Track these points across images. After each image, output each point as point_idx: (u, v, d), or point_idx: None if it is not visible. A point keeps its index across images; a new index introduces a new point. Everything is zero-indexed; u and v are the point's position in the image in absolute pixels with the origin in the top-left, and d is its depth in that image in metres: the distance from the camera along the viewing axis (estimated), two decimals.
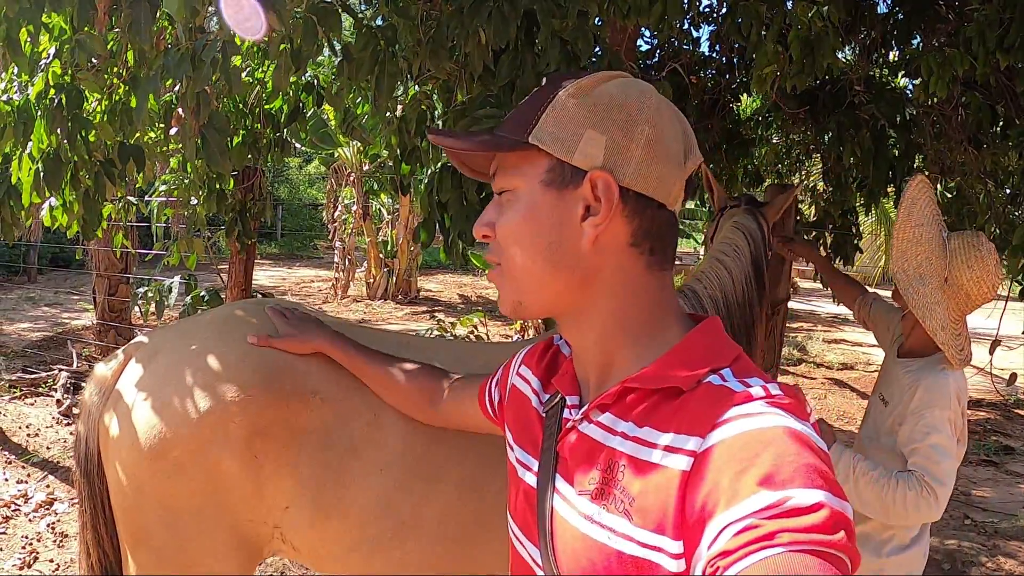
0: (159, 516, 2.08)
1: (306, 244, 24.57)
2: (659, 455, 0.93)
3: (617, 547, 0.93)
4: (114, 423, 2.13)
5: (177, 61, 2.25)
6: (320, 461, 2.09)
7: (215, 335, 2.18)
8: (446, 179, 2.66)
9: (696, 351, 1.01)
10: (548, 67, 2.61)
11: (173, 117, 3.25)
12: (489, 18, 2.40)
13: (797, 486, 0.78)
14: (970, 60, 3.54)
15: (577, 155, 1.02)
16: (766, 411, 0.89)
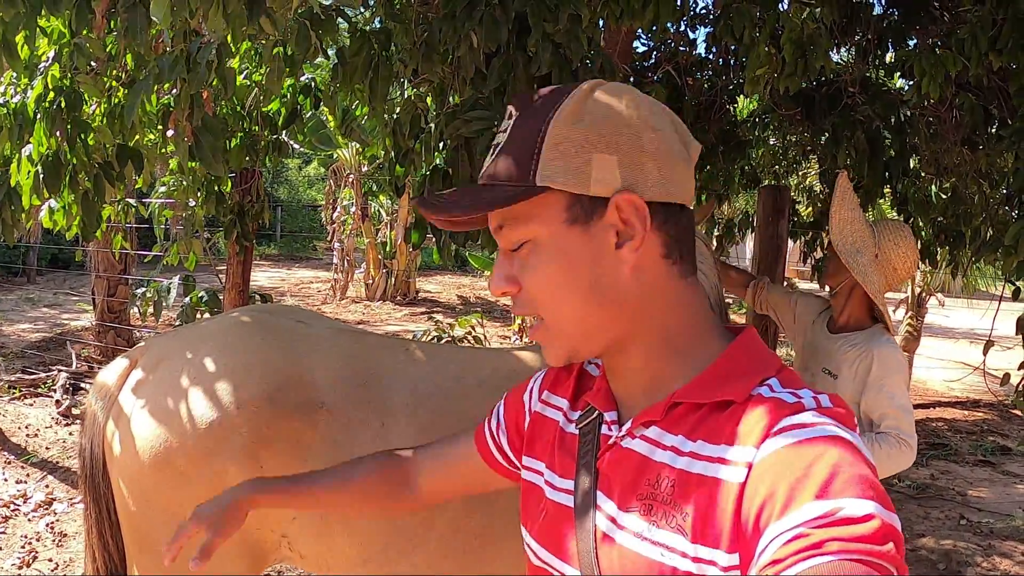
0: (164, 524, 2.09)
1: (305, 245, 24.61)
2: (713, 468, 0.91)
3: (671, 563, 0.91)
4: (118, 432, 2.14)
5: (171, 64, 2.26)
6: None
7: (220, 344, 2.19)
8: (437, 180, 2.69)
9: (742, 362, 0.99)
10: (539, 70, 2.63)
11: (170, 119, 3.26)
12: (481, 22, 2.41)
13: (849, 496, 0.78)
14: (963, 61, 3.56)
15: (594, 184, 0.96)
16: (819, 421, 0.88)
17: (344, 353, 2.24)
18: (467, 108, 2.55)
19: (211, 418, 2.05)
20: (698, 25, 5.20)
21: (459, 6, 2.45)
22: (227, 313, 2.46)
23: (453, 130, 2.54)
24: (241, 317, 2.31)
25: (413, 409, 2.19)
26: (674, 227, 1.00)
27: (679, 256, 1.02)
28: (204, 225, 4.68)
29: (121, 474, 2.13)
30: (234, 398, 2.06)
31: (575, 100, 0.98)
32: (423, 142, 2.91)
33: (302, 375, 2.13)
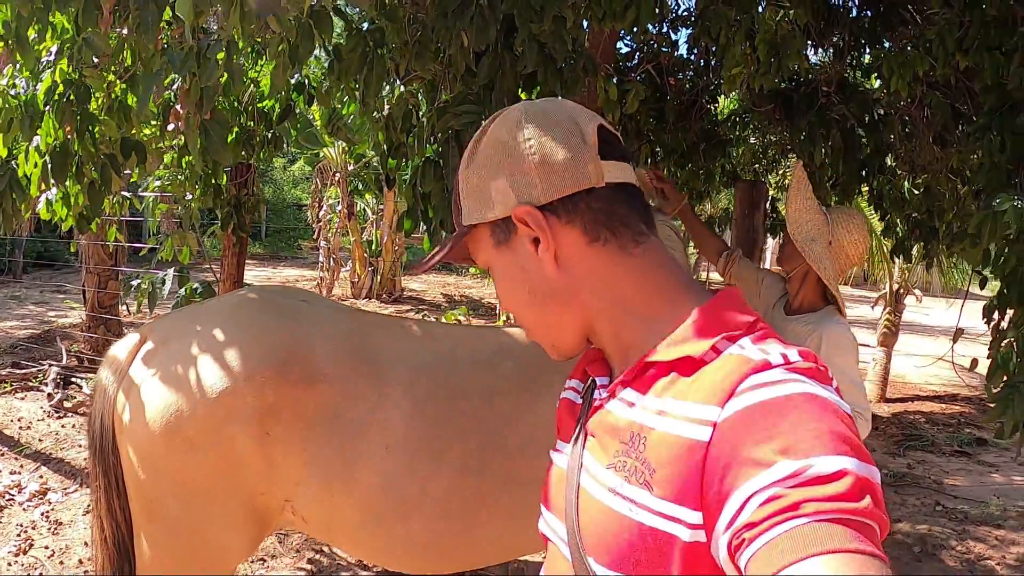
0: (173, 491, 2.22)
1: (291, 244, 24.62)
2: (678, 425, 0.92)
3: (638, 519, 0.93)
4: (129, 403, 2.25)
5: (182, 58, 2.38)
6: (328, 441, 2.24)
7: (228, 320, 2.32)
8: (429, 171, 2.81)
9: (709, 321, 1.00)
10: (525, 68, 2.77)
11: (171, 113, 3.37)
12: (471, 22, 2.55)
13: (819, 453, 0.78)
14: (930, 61, 3.72)
15: (496, 208, 1.07)
16: (785, 378, 0.88)
17: (344, 329, 2.38)
18: (457, 103, 2.69)
19: (221, 388, 2.17)
20: (679, 27, 5.33)
21: (451, 7, 2.58)
22: (234, 292, 2.59)
23: (444, 124, 2.68)
24: (248, 295, 2.45)
25: (409, 381, 2.33)
26: (587, 212, 1.05)
27: (610, 234, 1.06)
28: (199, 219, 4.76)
29: (131, 443, 2.24)
30: (243, 369, 2.18)
31: (471, 144, 1.12)
32: (415, 136, 3.05)
33: (307, 348, 2.26)
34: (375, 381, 2.30)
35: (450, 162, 2.68)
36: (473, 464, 2.34)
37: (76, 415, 7.09)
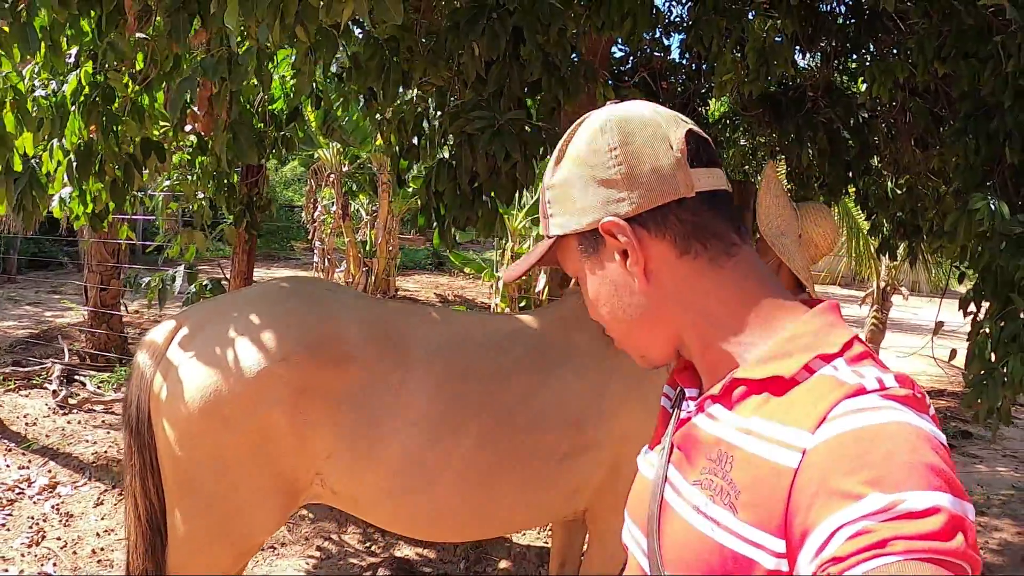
0: (209, 466, 2.38)
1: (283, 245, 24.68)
2: (767, 448, 0.89)
3: (719, 540, 0.90)
4: (167, 384, 2.42)
5: (215, 64, 2.55)
6: (357, 417, 2.43)
7: (262, 305, 2.50)
8: (443, 172, 3.00)
9: (803, 338, 0.96)
10: (531, 75, 2.96)
11: (188, 115, 3.52)
12: (483, 33, 2.74)
13: (911, 488, 0.75)
14: (910, 68, 3.92)
15: (583, 220, 1.04)
16: (880, 405, 0.84)
17: (370, 315, 2.57)
18: (469, 108, 2.87)
19: (258, 368, 2.34)
20: (672, 32, 5.52)
21: (463, 19, 2.76)
22: (265, 282, 2.76)
23: (458, 128, 2.86)
24: (279, 284, 2.63)
25: (429, 361, 2.53)
26: (677, 224, 1.01)
27: (701, 247, 1.02)
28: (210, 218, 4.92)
29: (169, 422, 2.39)
30: (278, 351, 2.36)
31: (556, 152, 1.10)
32: (427, 138, 3.23)
33: (336, 332, 2.45)
34: (399, 362, 2.48)
35: (463, 163, 2.86)
36: (489, 439, 2.54)
37: (81, 411, 7.21)
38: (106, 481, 5.63)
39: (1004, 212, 3.15)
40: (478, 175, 2.92)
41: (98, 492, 5.47)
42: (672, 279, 1.03)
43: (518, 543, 4.89)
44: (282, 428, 2.36)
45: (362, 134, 11.51)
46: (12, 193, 3.44)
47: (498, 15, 2.76)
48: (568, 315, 2.92)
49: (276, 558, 4.69)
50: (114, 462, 5.94)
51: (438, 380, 2.51)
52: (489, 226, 3.16)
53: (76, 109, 3.22)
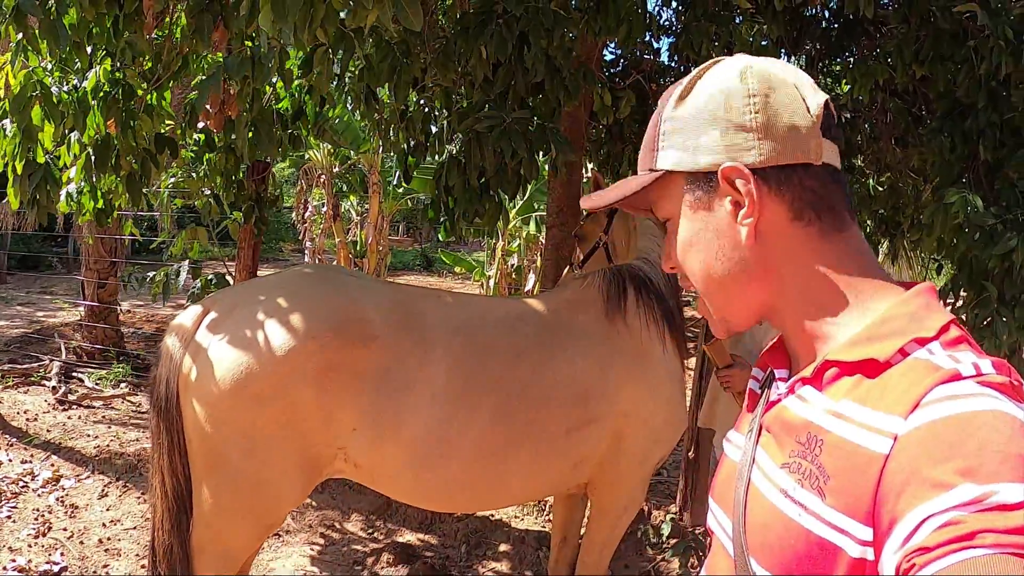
0: (238, 443, 2.52)
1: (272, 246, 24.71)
2: (858, 433, 0.87)
3: (806, 525, 0.88)
4: (197, 364, 2.54)
5: (238, 63, 2.70)
6: (380, 393, 2.58)
7: (288, 289, 2.65)
8: (453, 168, 3.17)
9: (899, 321, 0.92)
10: (536, 77, 3.13)
11: (201, 113, 3.65)
12: (492, 38, 2.90)
13: (1004, 480, 0.72)
14: (889, 70, 4.11)
15: (701, 161, 0.98)
16: (975, 392, 0.82)
17: (390, 297, 2.74)
18: (478, 108, 3.03)
19: (288, 347, 2.48)
20: (662, 36, 5.68)
21: (472, 24, 2.93)
22: (288, 269, 2.90)
23: (467, 126, 3.02)
24: (303, 270, 2.78)
25: (448, 341, 2.70)
26: (798, 188, 0.97)
27: (815, 216, 0.98)
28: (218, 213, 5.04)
29: (199, 400, 2.52)
30: (307, 330, 2.50)
31: (684, 84, 1.02)
32: (436, 136, 3.40)
33: (360, 313, 2.60)
34: (419, 341, 2.65)
35: (472, 159, 3.03)
36: (502, 413, 2.71)
37: (81, 407, 7.29)
38: (109, 474, 5.72)
39: (978, 205, 3.35)
40: (486, 171, 3.08)
41: (102, 484, 5.55)
42: (780, 243, 0.99)
43: (516, 527, 5.03)
44: (310, 404, 2.50)
45: (353, 135, 11.63)
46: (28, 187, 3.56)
47: (505, 21, 2.93)
48: (573, 298, 3.12)
49: (281, 545, 4.81)
50: (117, 456, 6.04)
51: (456, 358, 2.67)
52: (495, 219, 3.32)
53: (96, 104, 3.34)
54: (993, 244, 3.35)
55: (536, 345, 2.87)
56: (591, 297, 3.09)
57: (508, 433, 2.73)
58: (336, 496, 5.28)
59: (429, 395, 2.62)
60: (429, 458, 2.64)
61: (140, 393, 7.65)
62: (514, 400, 2.74)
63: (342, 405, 2.54)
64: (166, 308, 11.02)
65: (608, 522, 3.20)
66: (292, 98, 4.55)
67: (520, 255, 12.58)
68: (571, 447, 2.89)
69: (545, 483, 2.96)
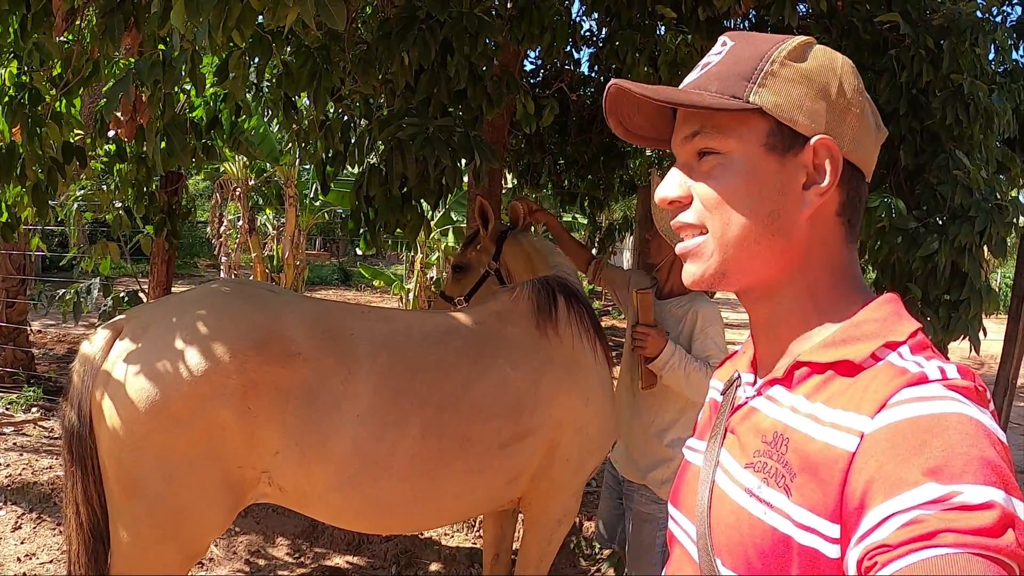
0: (156, 468, 2.37)
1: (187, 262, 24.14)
2: (826, 432, 0.88)
3: (771, 523, 0.90)
4: (109, 388, 2.39)
5: (149, 66, 2.56)
6: (305, 413, 2.47)
7: (205, 305, 2.53)
8: (374, 177, 3.08)
9: (870, 325, 0.96)
10: (459, 84, 3.07)
11: (111, 121, 3.49)
12: (414, 43, 2.84)
13: (968, 481, 0.74)
14: None
15: (801, 119, 0.97)
16: (942, 395, 0.84)
17: (312, 313, 2.63)
18: (399, 116, 2.96)
19: (206, 366, 2.36)
20: (583, 46, 5.70)
21: (394, 29, 2.86)
22: (203, 285, 2.78)
23: (389, 134, 2.94)
24: (220, 286, 2.66)
25: (374, 355, 2.61)
26: (854, 191, 1.01)
27: (849, 219, 1.02)
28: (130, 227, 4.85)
29: (114, 424, 2.37)
30: (226, 348, 2.39)
31: (799, 43, 1.01)
32: (356, 144, 3.30)
33: (281, 330, 2.49)
34: (344, 357, 2.55)
35: (394, 168, 2.95)
36: (433, 428, 2.63)
37: None
38: (23, 505, 5.42)
39: (901, 208, 3.42)
40: (408, 180, 3.00)
41: (15, 516, 5.26)
42: (824, 231, 1.01)
43: (447, 545, 4.96)
44: (231, 426, 2.38)
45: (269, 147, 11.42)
46: None
47: (428, 26, 2.86)
48: (502, 309, 3.07)
49: (206, 572, 4.64)
50: (30, 485, 5.73)
51: (383, 373, 2.59)
52: (417, 230, 3.25)
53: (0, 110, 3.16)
54: (916, 247, 3.43)
55: (466, 358, 2.80)
56: (521, 308, 3.05)
57: (440, 449, 2.65)
58: (260, 520, 5.11)
59: (356, 412, 2.53)
60: (358, 477, 2.55)
61: (52, 418, 7.30)
62: (445, 415, 2.67)
63: (265, 425, 2.43)
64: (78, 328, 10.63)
65: (543, 536, 3.15)
66: (207, 106, 4.41)
67: (439, 268, 12.52)
68: (505, 461, 2.83)
69: (479, 500, 2.89)
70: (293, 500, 2.61)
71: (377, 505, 2.62)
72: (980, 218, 3.48)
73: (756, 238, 0.99)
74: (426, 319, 2.95)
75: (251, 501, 2.60)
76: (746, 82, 0.98)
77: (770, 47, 1.00)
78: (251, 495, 2.56)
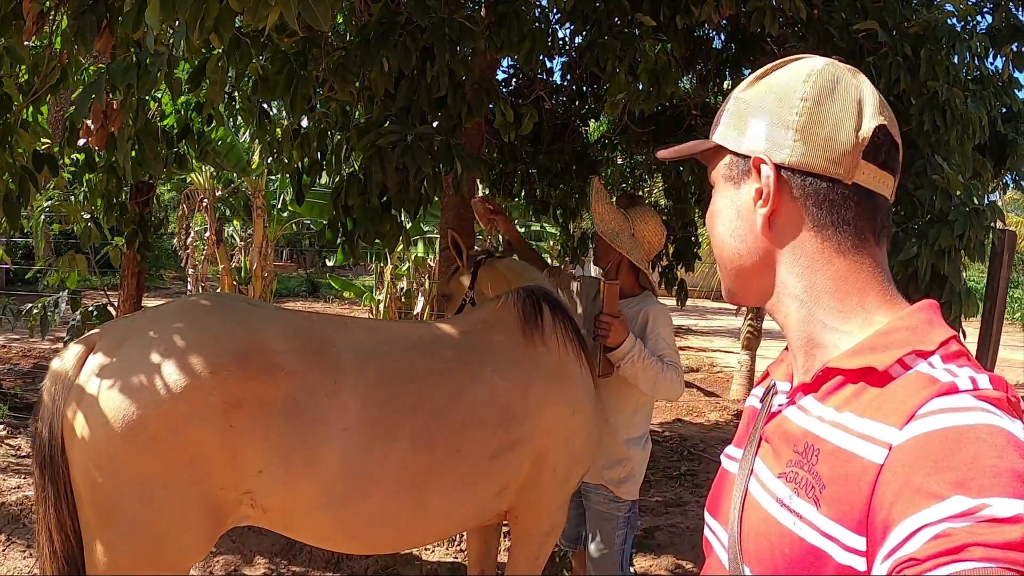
0: (133, 491, 2.25)
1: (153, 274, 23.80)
2: (855, 443, 0.88)
3: (800, 534, 0.89)
4: (82, 408, 2.27)
5: (123, 70, 2.47)
6: (289, 428, 2.38)
7: (184, 319, 2.42)
8: (353, 186, 3.01)
9: (899, 333, 0.95)
10: (439, 91, 3.02)
11: (81, 129, 3.39)
12: (395, 49, 2.78)
13: (996, 494, 0.73)
14: None
15: (743, 145, 1.06)
16: (971, 406, 0.83)
17: (295, 325, 2.55)
18: (379, 123, 2.90)
19: (185, 383, 2.25)
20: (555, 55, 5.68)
21: (374, 35, 2.80)
22: (182, 298, 2.69)
23: (368, 142, 2.88)
24: (200, 300, 2.57)
25: (360, 367, 2.53)
26: (819, 198, 1.01)
27: (832, 231, 1.02)
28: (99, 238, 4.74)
29: (88, 446, 2.25)
30: (207, 364, 2.29)
31: (763, 70, 1.09)
32: (334, 153, 3.24)
33: (264, 343, 2.41)
34: (329, 370, 2.47)
35: (373, 177, 2.88)
36: (422, 440, 2.57)
37: None
38: None
39: None
40: (388, 189, 2.94)
41: None
42: (792, 243, 1.04)
43: (428, 560, 4.88)
44: (212, 445, 2.29)
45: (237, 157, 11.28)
46: None
47: (409, 31, 2.81)
48: (489, 318, 3.03)
49: None
50: None
51: (369, 385, 2.52)
52: (395, 240, 3.19)
53: None
54: (896, 251, 3.45)
55: (454, 368, 2.75)
56: (507, 317, 3.01)
57: (430, 461, 2.59)
58: (236, 539, 4.99)
59: (343, 425, 2.45)
60: (347, 493, 2.47)
61: (20, 435, 7.11)
62: (435, 425, 2.61)
63: (248, 443, 2.33)
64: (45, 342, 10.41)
65: (532, 550, 3.10)
66: (178, 115, 4.32)
67: (409, 278, 12.44)
68: (495, 472, 2.78)
69: (468, 513, 2.83)
70: (278, 521, 2.51)
71: (368, 521, 2.55)
72: (959, 222, 3.53)
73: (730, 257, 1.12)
74: (412, 330, 2.91)
75: (233, 524, 2.49)
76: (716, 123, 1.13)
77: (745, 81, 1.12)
78: (233, 518, 2.46)
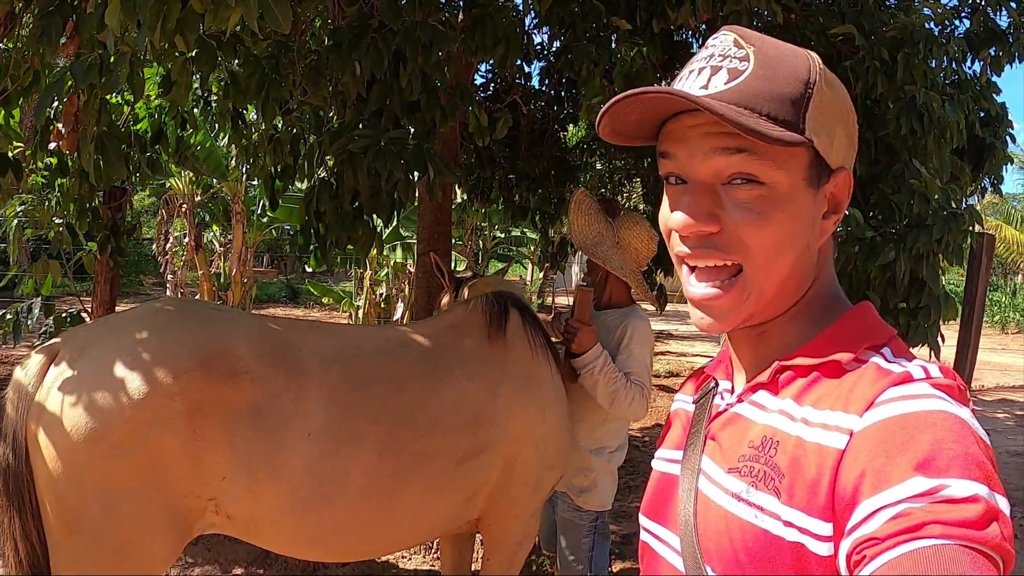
0: (97, 499, 2.23)
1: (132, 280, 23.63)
2: (814, 432, 0.90)
3: (764, 526, 0.90)
4: (45, 416, 2.25)
5: (85, 69, 2.43)
6: (253, 434, 2.36)
7: (147, 324, 2.40)
8: (324, 191, 2.99)
9: (853, 330, 0.99)
10: (412, 95, 3.00)
11: (52, 132, 3.35)
12: (367, 52, 2.76)
13: (954, 476, 0.76)
14: None
15: (834, 152, 0.98)
16: (927, 393, 0.86)
17: (259, 330, 2.54)
18: (351, 128, 2.88)
19: (147, 390, 2.23)
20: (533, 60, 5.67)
21: (345, 39, 2.78)
22: (145, 304, 2.65)
23: (340, 146, 2.86)
24: (164, 306, 2.54)
25: (324, 371, 2.52)
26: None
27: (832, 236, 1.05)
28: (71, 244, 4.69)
29: (52, 455, 2.23)
30: (169, 368, 2.27)
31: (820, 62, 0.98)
32: (306, 158, 3.21)
33: (228, 348, 2.38)
34: (293, 374, 2.45)
35: (345, 182, 2.86)
36: (388, 445, 2.55)
37: None
38: None
39: (858, 218, 3.45)
40: (360, 194, 2.92)
41: None
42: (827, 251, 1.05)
43: (405, 568, 4.84)
44: (175, 451, 2.26)
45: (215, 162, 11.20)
46: None
47: (381, 35, 2.79)
48: (457, 322, 3.02)
49: None
50: None
51: (334, 389, 2.50)
52: (368, 245, 3.17)
53: None
54: (874, 256, 3.46)
55: (420, 371, 2.73)
56: (475, 321, 3.00)
57: (397, 465, 2.57)
58: (211, 548, 4.94)
59: (307, 430, 2.43)
60: (312, 498, 2.44)
61: None
62: (400, 430, 2.59)
63: (211, 449, 2.31)
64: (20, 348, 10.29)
65: (504, 558, 3.08)
66: (151, 119, 4.28)
67: (388, 284, 12.38)
68: (464, 477, 2.76)
69: (437, 520, 2.80)
70: (243, 528, 2.48)
71: (334, 528, 2.52)
72: (938, 226, 3.54)
73: (793, 272, 0.99)
74: (377, 333, 2.89)
75: (198, 532, 2.46)
76: (797, 109, 0.93)
77: (804, 65, 0.96)
78: (198, 526, 2.43)
